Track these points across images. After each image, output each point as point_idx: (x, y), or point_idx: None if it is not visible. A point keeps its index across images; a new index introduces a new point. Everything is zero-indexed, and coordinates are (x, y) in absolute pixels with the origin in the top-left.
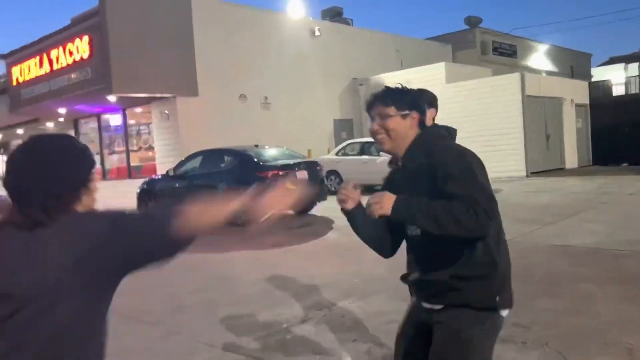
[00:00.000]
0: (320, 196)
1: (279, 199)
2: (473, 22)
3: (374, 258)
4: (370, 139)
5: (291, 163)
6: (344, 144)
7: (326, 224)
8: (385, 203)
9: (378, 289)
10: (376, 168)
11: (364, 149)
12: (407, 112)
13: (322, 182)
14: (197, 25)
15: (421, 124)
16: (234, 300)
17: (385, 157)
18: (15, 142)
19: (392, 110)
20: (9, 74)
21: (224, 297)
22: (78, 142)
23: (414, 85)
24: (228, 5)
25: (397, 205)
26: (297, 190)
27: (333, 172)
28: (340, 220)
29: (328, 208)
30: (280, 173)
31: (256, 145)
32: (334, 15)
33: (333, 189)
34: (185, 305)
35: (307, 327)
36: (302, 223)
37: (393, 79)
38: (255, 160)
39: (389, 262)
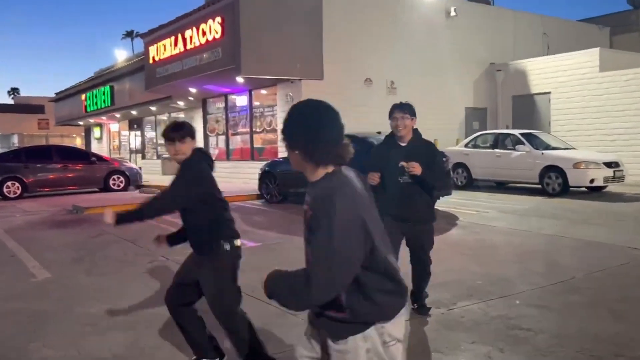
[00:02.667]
0: (445, 190)
1: None
2: (638, 2)
3: (502, 260)
4: (507, 131)
5: None
6: (476, 135)
7: (450, 219)
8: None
9: (503, 292)
10: (511, 163)
11: (497, 142)
12: (414, 118)
13: (448, 175)
14: (326, 8)
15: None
16: None
17: (522, 152)
18: (148, 119)
19: (408, 115)
20: (146, 52)
21: None
22: None
23: (562, 71)
24: None
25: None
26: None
27: (460, 165)
28: (466, 217)
29: (453, 203)
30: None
31: (379, 132)
32: None
33: (459, 183)
34: None
35: (424, 324)
36: None
37: (538, 65)
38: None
39: (518, 265)
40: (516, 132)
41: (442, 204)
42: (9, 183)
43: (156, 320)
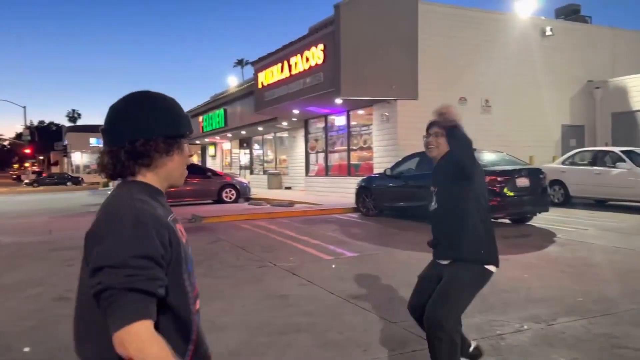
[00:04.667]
0: (542, 207)
1: None
2: None
3: (603, 278)
4: (606, 148)
5: (510, 169)
6: (573, 152)
7: (547, 236)
8: None
9: (607, 310)
10: (611, 180)
11: (596, 159)
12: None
13: (545, 191)
14: (421, 30)
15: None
16: None
17: (622, 169)
18: (256, 138)
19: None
20: (255, 78)
21: None
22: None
23: None
24: (453, 8)
25: None
26: None
27: (557, 182)
28: (565, 234)
29: (550, 220)
30: (499, 179)
31: (474, 149)
32: (569, 13)
33: (556, 200)
34: (399, 297)
35: (523, 338)
36: (518, 234)
37: (639, 81)
38: None
39: (621, 284)
40: (616, 149)
41: (539, 220)
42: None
43: (265, 320)
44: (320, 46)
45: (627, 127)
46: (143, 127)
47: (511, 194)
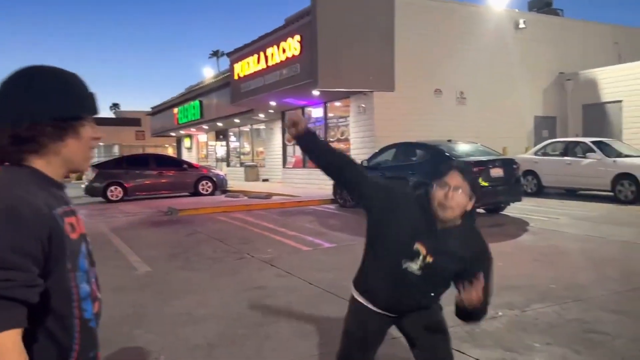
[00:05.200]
0: (515, 196)
1: None
2: None
3: (575, 265)
4: (577, 139)
5: (484, 159)
6: (545, 142)
7: (521, 225)
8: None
9: (578, 296)
10: (582, 170)
11: (567, 150)
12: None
13: (518, 181)
14: (398, 22)
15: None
16: None
17: (593, 160)
18: (233, 130)
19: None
20: (231, 69)
21: None
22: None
23: (634, 79)
24: (429, 0)
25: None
26: None
27: (530, 173)
28: (538, 223)
29: (523, 209)
30: (473, 169)
31: (449, 140)
32: (542, 6)
33: (529, 190)
34: None
35: (497, 325)
36: (492, 223)
37: (609, 73)
38: (447, 155)
39: (592, 271)
40: (587, 140)
41: (513, 210)
42: (112, 187)
43: (244, 312)
44: (297, 37)
45: (597, 119)
46: (29, 108)
47: (485, 184)
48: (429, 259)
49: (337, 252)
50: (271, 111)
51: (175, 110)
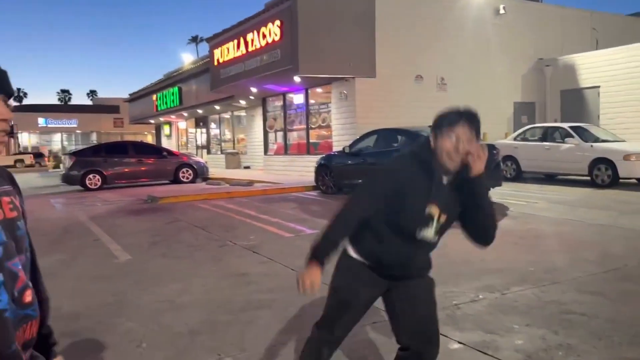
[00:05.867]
0: (495, 181)
1: None
2: None
3: (553, 248)
4: (556, 124)
5: None
6: (525, 128)
7: (500, 210)
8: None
9: (556, 279)
10: (560, 155)
11: (546, 135)
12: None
13: (498, 167)
14: (378, 8)
15: None
16: None
17: (571, 145)
18: (213, 117)
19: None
20: (211, 55)
21: None
22: None
23: (612, 65)
24: None
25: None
26: None
27: (509, 158)
28: (516, 208)
29: (503, 194)
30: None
31: (430, 126)
32: None
33: (509, 175)
34: None
35: (478, 307)
36: None
37: (587, 59)
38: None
39: (570, 254)
40: (565, 125)
41: (493, 195)
42: (91, 175)
43: (226, 298)
44: (277, 22)
45: (575, 104)
46: None
47: None
48: (442, 219)
49: None
50: (252, 97)
51: (154, 97)
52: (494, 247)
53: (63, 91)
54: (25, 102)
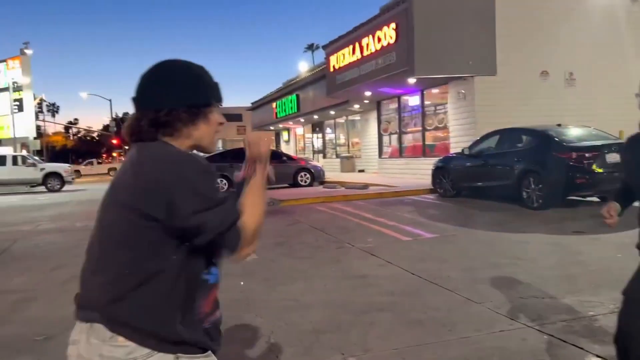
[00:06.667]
0: None
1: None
2: None
3: None
4: None
5: (599, 144)
6: None
7: None
8: None
9: None
10: None
11: None
12: None
13: None
14: (498, 1)
15: None
16: (532, 281)
17: None
18: (328, 122)
19: None
20: (327, 62)
21: (521, 276)
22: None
23: None
24: None
25: None
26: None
27: None
28: None
29: None
30: (587, 155)
31: (559, 125)
32: None
33: None
34: (483, 278)
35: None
36: None
37: None
38: (557, 140)
39: None
40: None
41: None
42: (218, 180)
43: (347, 299)
44: (392, 25)
45: None
46: (167, 96)
47: (600, 170)
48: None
49: (438, 243)
50: (366, 101)
51: (274, 104)
52: (635, 254)
53: None
54: None
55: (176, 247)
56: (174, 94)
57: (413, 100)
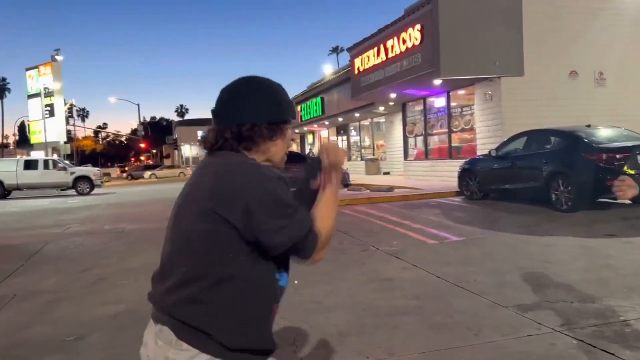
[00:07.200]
0: None
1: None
2: None
3: None
4: None
5: (630, 145)
6: None
7: None
8: None
9: None
10: None
11: None
12: None
13: None
14: (525, 2)
15: None
16: (561, 285)
17: None
18: (353, 124)
19: None
20: (351, 64)
21: (549, 280)
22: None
23: None
24: None
25: None
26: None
27: None
28: None
29: None
30: (617, 156)
31: (588, 125)
32: None
33: None
34: (509, 281)
35: None
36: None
37: None
38: (586, 141)
39: None
40: None
41: None
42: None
43: (371, 302)
44: (417, 26)
45: None
46: (250, 112)
47: (632, 172)
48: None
49: (465, 246)
50: (391, 103)
51: (299, 107)
52: None
53: None
54: (187, 117)
55: (250, 253)
56: (257, 110)
57: (439, 102)
